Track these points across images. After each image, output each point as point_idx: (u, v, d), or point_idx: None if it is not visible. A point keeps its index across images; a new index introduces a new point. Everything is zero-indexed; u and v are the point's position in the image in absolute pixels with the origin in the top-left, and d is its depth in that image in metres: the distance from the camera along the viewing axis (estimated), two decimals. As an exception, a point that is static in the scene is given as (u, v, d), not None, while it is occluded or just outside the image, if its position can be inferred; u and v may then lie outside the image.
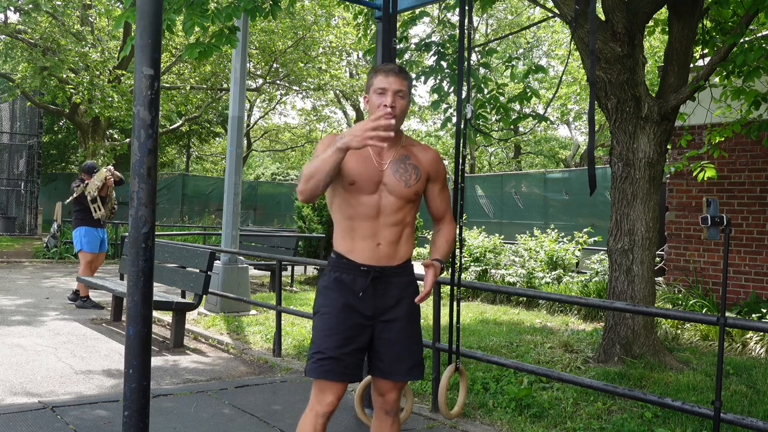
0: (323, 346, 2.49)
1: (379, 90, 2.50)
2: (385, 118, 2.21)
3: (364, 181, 2.50)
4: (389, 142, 2.57)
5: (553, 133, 30.86)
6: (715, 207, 3.05)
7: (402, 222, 2.57)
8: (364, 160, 2.53)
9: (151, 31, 1.77)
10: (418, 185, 2.58)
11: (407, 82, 2.54)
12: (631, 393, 3.62)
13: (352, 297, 2.52)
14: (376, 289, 2.54)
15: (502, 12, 25.97)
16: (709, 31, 6.44)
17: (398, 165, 2.56)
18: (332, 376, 2.48)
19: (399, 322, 2.58)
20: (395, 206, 2.54)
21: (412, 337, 2.62)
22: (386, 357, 2.57)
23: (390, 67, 2.54)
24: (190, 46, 5.19)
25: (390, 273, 2.55)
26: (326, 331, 2.51)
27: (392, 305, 2.57)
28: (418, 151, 2.64)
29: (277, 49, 20.20)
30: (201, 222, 22.27)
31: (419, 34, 13.45)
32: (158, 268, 7.06)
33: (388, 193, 2.53)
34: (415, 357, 2.62)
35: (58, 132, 25.53)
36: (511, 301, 9.08)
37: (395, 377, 2.59)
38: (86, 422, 3.87)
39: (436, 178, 2.67)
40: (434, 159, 2.67)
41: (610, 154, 5.69)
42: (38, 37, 16.20)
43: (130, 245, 1.77)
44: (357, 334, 2.52)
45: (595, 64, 5.28)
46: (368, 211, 2.51)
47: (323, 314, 2.54)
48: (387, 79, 2.50)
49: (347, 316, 2.51)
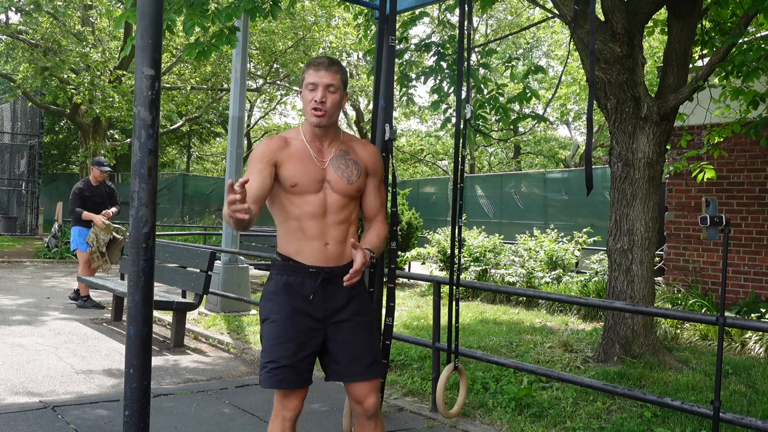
0: (275, 354, 2.42)
1: (310, 85, 2.44)
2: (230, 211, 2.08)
3: (306, 182, 2.45)
4: (329, 139, 2.54)
5: (552, 134, 30.86)
6: (714, 207, 3.06)
7: (348, 220, 2.52)
8: (303, 161, 2.47)
9: (152, 32, 1.77)
10: (359, 181, 2.54)
11: (339, 75, 2.46)
12: (630, 393, 3.63)
13: (302, 301, 2.46)
14: (325, 290, 2.48)
15: (502, 12, 25.96)
16: (708, 32, 6.45)
17: (339, 161, 2.52)
18: (287, 384, 2.42)
19: (350, 322, 2.51)
20: (340, 204, 2.49)
21: (366, 336, 2.55)
22: (342, 359, 2.50)
23: (320, 61, 2.47)
24: (189, 46, 5.20)
25: (339, 273, 2.47)
26: (277, 338, 2.43)
27: (342, 305, 2.51)
28: (357, 146, 2.60)
29: (278, 50, 20.21)
30: (201, 222, 22.28)
31: (419, 35, 13.46)
32: (159, 268, 7.08)
33: (332, 190, 2.48)
34: (372, 355, 2.54)
35: (59, 132, 25.56)
36: (510, 301, 9.08)
37: (353, 378, 2.50)
38: (87, 422, 3.88)
39: (374, 173, 2.61)
40: (373, 153, 2.62)
41: (610, 154, 5.70)
42: (39, 38, 16.21)
43: (131, 245, 1.78)
44: (309, 338, 2.45)
45: (595, 64, 5.29)
46: (314, 210, 2.46)
47: (272, 321, 2.46)
48: (317, 73, 2.44)
49: (297, 321, 2.44)
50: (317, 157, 2.49)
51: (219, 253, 7.89)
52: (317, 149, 2.51)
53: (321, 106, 2.43)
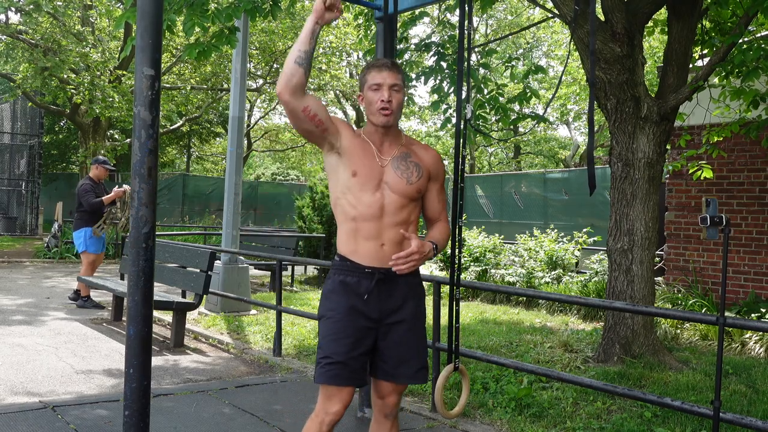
0: (331, 350, 2.44)
1: (374, 86, 2.48)
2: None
3: (365, 175, 2.48)
4: (390, 140, 2.56)
5: (552, 134, 30.86)
6: (714, 207, 3.05)
7: (406, 222, 2.53)
8: (366, 154, 2.50)
9: (152, 32, 1.78)
10: (420, 182, 2.56)
11: (401, 75, 2.52)
12: (630, 393, 3.63)
13: (358, 300, 2.48)
14: (380, 291, 2.50)
15: (502, 12, 25.97)
16: (708, 32, 6.45)
17: (399, 162, 2.54)
18: (340, 381, 2.43)
19: (405, 324, 2.54)
20: (398, 205, 2.50)
21: (418, 340, 2.58)
22: (391, 359, 2.52)
23: (383, 62, 2.52)
24: (189, 46, 5.20)
25: (395, 274, 2.49)
26: (333, 335, 2.46)
27: (398, 307, 2.53)
28: (419, 149, 2.63)
29: (278, 50, 20.20)
30: (201, 222, 22.28)
31: (419, 35, 13.46)
32: (159, 268, 7.07)
33: (390, 191, 2.50)
34: (421, 360, 2.58)
35: (58, 132, 25.55)
36: (510, 301, 9.08)
37: (400, 380, 2.54)
38: (87, 422, 3.88)
39: (436, 177, 2.65)
40: (435, 158, 2.66)
41: (610, 154, 5.70)
42: (39, 38, 16.21)
43: (131, 245, 1.78)
44: (363, 337, 2.48)
45: (595, 64, 5.29)
46: (371, 211, 2.48)
47: (329, 318, 2.49)
48: (381, 74, 2.48)
49: (353, 320, 2.47)
50: (378, 156, 2.52)
51: (219, 253, 7.89)
52: (379, 148, 2.55)
53: (388, 105, 2.46)
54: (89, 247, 8.04)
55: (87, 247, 8.03)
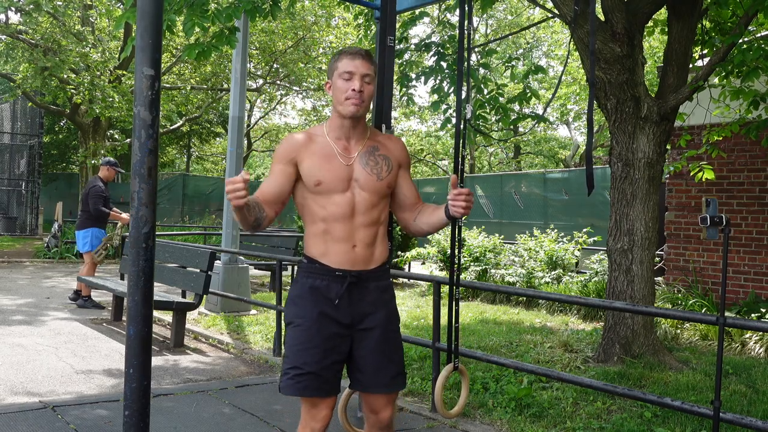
0: (300, 360, 2.30)
1: (345, 74, 2.34)
2: (230, 191, 2.10)
3: (331, 180, 2.34)
4: (357, 134, 2.44)
5: (552, 134, 30.86)
6: (714, 207, 3.05)
7: (377, 221, 2.42)
8: (328, 159, 2.36)
9: (152, 32, 1.77)
10: (390, 177, 2.44)
11: (374, 66, 2.39)
12: (630, 393, 3.63)
13: (328, 305, 2.35)
14: (352, 295, 2.37)
15: (502, 12, 25.96)
16: (709, 32, 6.45)
17: (368, 157, 2.41)
18: (311, 392, 2.30)
19: (378, 329, 2.40)
20: (369, 203, 2.39)
21: (393, 346, 2.45)
22: (367, 369, 2.40)
23: (356, 50, 2.38)
24: (189, 46, 5.20)
25: (367, 277, 2.39)
26: (302, 344, 2.32)
27: (370, 312, 2.40)
28: (384, 140, 2.51)
29: (278, 50, 20.21)
30: (201, 222, 22.29)
31: (419, 35, 13.45)
32: (159, 268, 7.08)
33: (360, 189, 2.38)
34: (397, 366, 2.46)
35: (58, 132, 25.56)
36: (510, 301, 9.08)
37: (378, 389, 2.41)
38: (87, 422, 3.88)
39: (405, 165, 2.54)
40: (401, 146, 2.55)
41: (610, 154, 5.70)
42: (39, 38, 16.21)
43: (131, 245, 1.78)
44: (335, 345, 2.35)
45: (595, 64, 5.29)
46: (342, 211, 2.35)
47: (297, 325, 2.35)
48: (354, 62, 2.35)
49: (323, 326, 2.33)
50: (343, 154, 2.39)
51: (219, 253, 7.89)
52: (343, 146, 2.40)
53: (359, 96, 2.33)
54: (95, 247, 8.05)
55: (93, 248, 8.04)
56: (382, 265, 2.48)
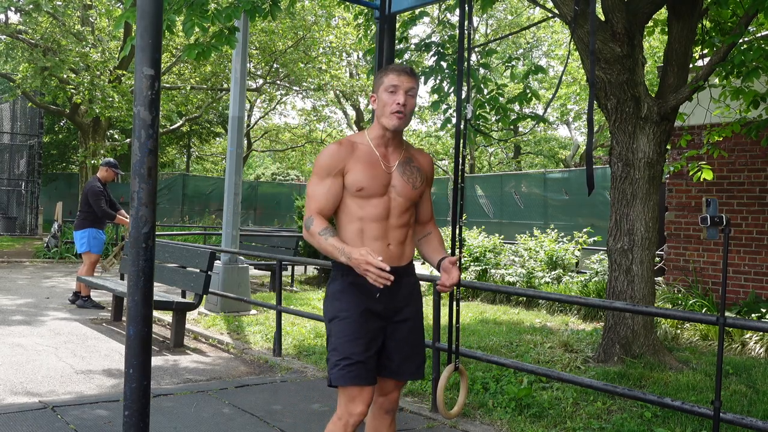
0: (349, 351, 2.45)
1: (390, 88, 2.52)
2: (376, 274, 2.26)
3: (373, 186, 2.52)
4: (395, 144, 2.64)
5: (552, 134, 30.86)
6: (714, 207, 3.05)
7: (408, 223, 2.62)
8: (372, 166, 2.54)
9: (152, 32, 1.77)
10: (422, 187, 2.65)
11: (417, 82, 2.59)
12: (630, 393, 3.63)
13: (370, 299, 2.52)
14: (389, 289, 2.51)
15: (502, 12, 25.96)
16: (709, 32, 6.45)
17: (404, 167, 2.61)
18: (362, 381, 2.45)
19: (410, 322, 2.61)
20: (403, 208, 2.58)
21: (420, 337, 2.67)
22: (397, 357, 2.59)
23: (402, 67, 2.59)
24: (189, 46, 5.20)
25: (400, 273, 2.57)
26: (349, 335, 2.47)
27: (403, 305, 2.60)
28: (416, 154, 2.71)
29: (278, 50, 20.20)
30: (201, 222, 22.29)
31: (419, 35, 13.45)
32: (158, 268, 7.07)
33: (397, 195, 2.57)
34: (422, 356, 2.67)
35: (58, 132, 25.55)
36: (510, 301, 9.08)
37: (404, 377, 2.62)
38: (87, 422, 3.88)
39: (430, 182, 2.75)
40: (430, 163, 2.76)
41: (610, 154, 5.70)
42: (39, 38, 16.20)
43: (131, 245, 1.78)
44: (376, 336, 2.53)
45: (595, 64, 5.29)
46: (378, 213, 2.53)
47: (343, 319, 2.50)
48: (399, 77, 2.53)
49: (368, 320, 2.51)
50: (384, 162, 2.57)
51: (219, 253, 7.89)
52: (383, 154, 2.58)
53: (403, 109, 2.51)
54: (93, 247, 8.05)
55: (90, 248, 8.04)
56: (411, 262, 2.68)
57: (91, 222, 8.04)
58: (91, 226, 8.04)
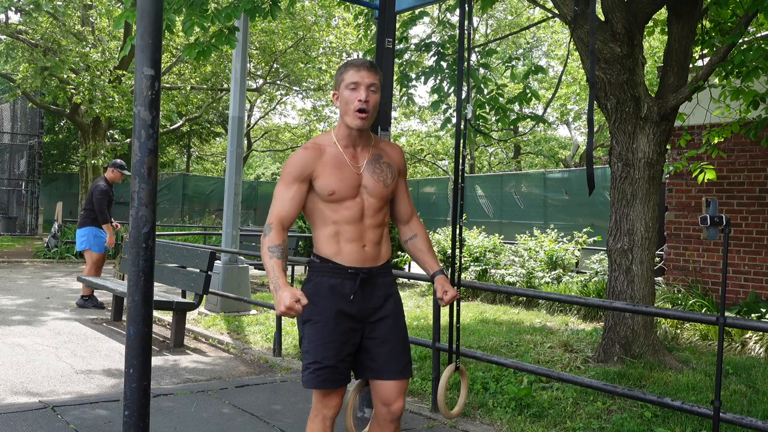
0: (320, 355, 2.46)
1: (351, 85, 2.46)
2: (288, 305, 2.26)
3: (344, 189, 2.49)
4: (363, 142, 2.58)
5: (552, 134, 30.86)
6: (714, 207, 3.05)
7: (382, 223, 2.58)
8: (340, 167, 2.50)
9: (152, 32, 1.77)
10: (393, 184, 2.60)
11: (379, 76, 2.51)
12: (630, 393, 3.63)
13: (343, 301, 2.49)
14: (364, 291, 2.52)
15: (502, 12, 25.97)
16: (709, 32, 6.45)
17: (374, 166, 2.56)
18: (332, 385, 2.47)
19: (389, 320, 2.57)
20: (376, 207, 2.55)
21: (402, 335, 2.62)
22: (379, 356, 2.54)
23: (361, 62, 2.51)
24: (189, 46, 5.20)
25: (376, 274, 2.55)
26: (321, 339, 2.47)
27: (379, 305, 2.56)
28: (386, 147, 2.64)
29: (278, 50, 20.20)
30: (201, 222, 22.28)
31: (419, 35, 13.45)
32: (159, 268, 7.07)
33: (369, 195, 2.53)
34: (406, 355, 2.62)
35: (58, 132, 25.56)
36: (510, 301, 9.08)
37: (391, 376, 2.55)
38: (87, 422, 3.88)
39: (403, 173, 2.69)
40: (400, 153, 2.69)
41: (610, 154, 5.70)
42: (39, 38, 16.20)
43: (131, 245, 1.78)
44: (350, 338, 2.51)
45: (595, 64, 5.29)
46: (352, 215, 2.50)
47: (315, 322, 2.49)
48: (359, 73, 2.46)
49: (340, 322, 2.48)
50: (352, 163, 2.52)
51: (219, 253, 7.89)
52: (351, 155, 2.54)
53: (365, 106, 2.45)
54: (93, 246, 8.06)
55: (91, 246, 8.05)
56: (387, 261, 2.63)
57: (92, 220, 8.07)
58: (92, 224, 8.06)
